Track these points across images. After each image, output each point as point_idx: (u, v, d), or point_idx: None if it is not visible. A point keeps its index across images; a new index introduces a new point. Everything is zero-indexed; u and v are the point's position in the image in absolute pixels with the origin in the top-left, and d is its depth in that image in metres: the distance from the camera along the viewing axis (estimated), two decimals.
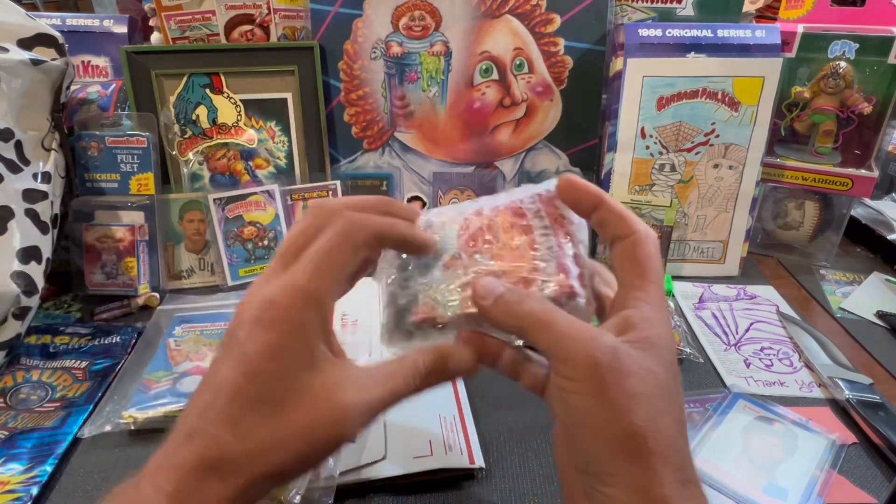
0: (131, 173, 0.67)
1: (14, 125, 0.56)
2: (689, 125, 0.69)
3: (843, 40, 0.69)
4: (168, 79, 0.71)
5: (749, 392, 0.53)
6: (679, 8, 0.73)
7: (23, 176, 0.56)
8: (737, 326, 0.63)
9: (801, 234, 0.77)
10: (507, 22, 0.72)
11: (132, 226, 0.66)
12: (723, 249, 0.73)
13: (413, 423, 0.47)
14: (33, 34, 0.57)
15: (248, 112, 0.73)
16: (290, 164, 0.75)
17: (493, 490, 0.43)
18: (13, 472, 0.43)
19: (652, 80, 0.68)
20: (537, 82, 0.74)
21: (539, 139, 0.76)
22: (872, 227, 0.80)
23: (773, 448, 0.46)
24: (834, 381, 0.53)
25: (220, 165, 0.74)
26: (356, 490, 0.42)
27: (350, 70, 0.74)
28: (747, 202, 0.71)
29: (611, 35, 0.73)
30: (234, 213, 0.69)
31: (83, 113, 0.70)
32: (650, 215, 0.70)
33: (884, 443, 0.46)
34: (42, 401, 0.51)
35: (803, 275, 0.74)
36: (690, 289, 0.71)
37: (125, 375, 0.53)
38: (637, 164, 0.71)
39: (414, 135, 0.77)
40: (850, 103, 0.70)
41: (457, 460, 0.43)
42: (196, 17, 0.73)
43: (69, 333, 0.59)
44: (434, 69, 0.74)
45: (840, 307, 0.67)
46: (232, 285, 0.69)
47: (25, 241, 0.53)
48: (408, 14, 0.72)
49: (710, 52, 0.67)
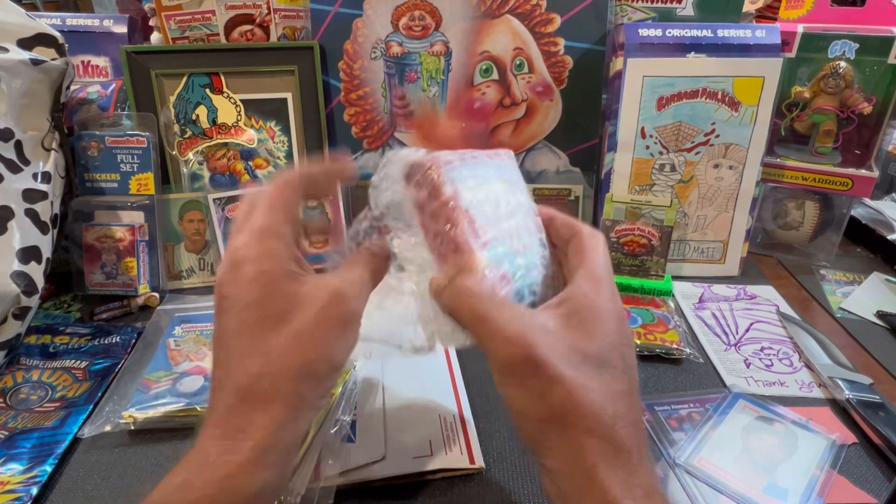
0: (131, 173, 0.67)
1: (14, 125, 0.56)
2: (689, 125, 0.69)
3: (843, 40, 0.69)
4: (168, 79, 0.71)
5: (749, 392, 0.53)
6: (679, 8, 0.73)
7: (23, 176, 0.56)
8: (737, 326, 0.63)
9: (801, 234, 0.77)
10: (507, 22, 0.72)
11: (132, 226, 0.66)
12: (723, 249, 0.73)
13: (413, 423, 0.47)
14: (33, 34, 0.57)
15: (248, 112, 0.73)
16: (290, 164, 0.75)
17: (493, 490, 0.43)
18: (13, 472, 0.43)
19: (652, 80, 0.68)
20: (537, 82, 0.74)
21: (539, 139, 0.76)
22: (872, 227, 0.80)
23: (773, 448, 0.46)
24: (834, 381, 0.53)
25: (220, 165, 0.74)
26: (356, 490, 0.42)
27: (350, 70, 0.74)
28: (747, 202, 0.71)
29: (611, 35, 0.73)
30: (234, 213, 0.69)
31: (83, 113, 0.70)
32: (650, 215, 0.70)
33: (884, 443, 0.46)
34: (42, 401, 0.51)
35: (803, 275, 0.74)
36: (690, 289, 0.71)
37: (125, 375, 0.53)
38: (637, 164, 0.71)
39: (414, 135, 0.77)
40: (850, 103, 0.70)
41: (457, 460, 0.43)
42: (196, 17, 0.73)
43: (69, 333, 0.59)
44: (434, 69, 0.74)
45: (840, 307, 0.67)
46: None
47: (25, 241, 0.53)
48: (408, 14, 0.72)
49: (710, 52, 0.67)
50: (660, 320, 0.62)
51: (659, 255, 0.68)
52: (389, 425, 0.46)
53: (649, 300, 0.66)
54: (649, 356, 0.57)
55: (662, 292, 0.67)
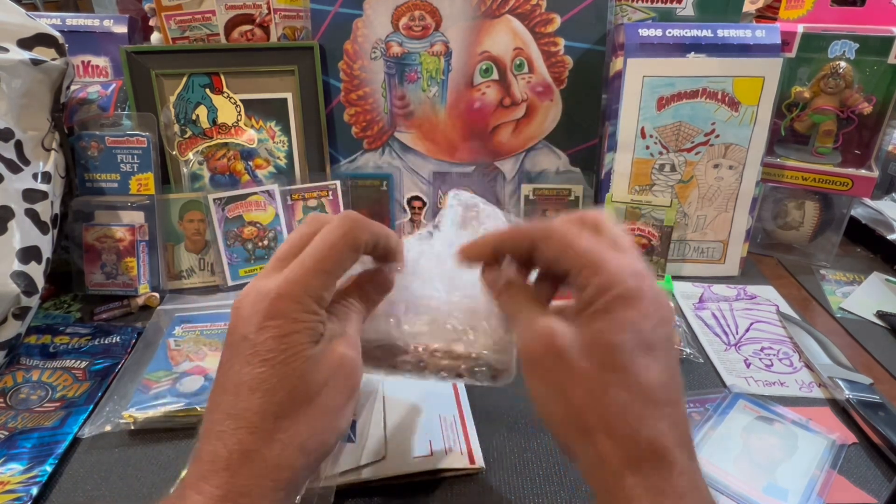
0: (131, 173, 0.67)
1: (14, 125, 0.56)
2: (689, 125, 0.69)
3: (843, 40, 0.69)
4: (168, 79, 0.71)
5: (749, 392, 0.53)
6: (679, 8, 0.73)
7: (23, 176, 0.56)
8: (737, 326, 0.63)
9: (801, 234, 0.77)
10: (507, 22, 0.72)
11: (132, 226, 0.66)
12: (723, 249, 0.73)
13: (413, 424, 0.47)
14: (33, 34, 0.57)
15: (248, 112, 0.73)
16: (290, 164, 0.75)
17: (493, 490, 0.43)
18: (13, 471, 0.43)
19: (652, 80, 0.68)
20: (537, 82, 0.74)
21: (539, 139, 0.76)
22: (872, 227, 0.80)
23: (773, 448, 0.46)
24: (834, 381, 0.53)
25: (220, 165, 0.74)
26: (356, 490, 0.42)
27: (350, 70, 0.74)
28: (747, 202, 0.71)
29: (611, 35, 0.73)
30: (234, 213, 0.69)
31: (83, 113, 0.70)
32: (650, 215, 0.70)
33: (884, 443, 0.46)
34: (42, 401, 0.51)
35: (803, 275, 0.74)
36: (690, 289, 0.71)
37: (125, 375, 0.53)
38: (637, 164, 0.71)
39: (414, 135, 0.77)
40: (850, 103, 0.70)
41: (457, 460, 0.43)
42: (196, 17, 0.73)
43: (69, 333, 0.59)
44: (434, 69, 0.74)
45: (840, 307, 0.67)
46: (232, 285, 0.69)
47: (25, 241, 0.53)
48: (408, 14, 0.72)
49: (710, 52, 0.67)
50: None
51: (659, 255, 0.68)
52: (389, 425, 0.46)
53: None
54: None
55: None
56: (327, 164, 0.76)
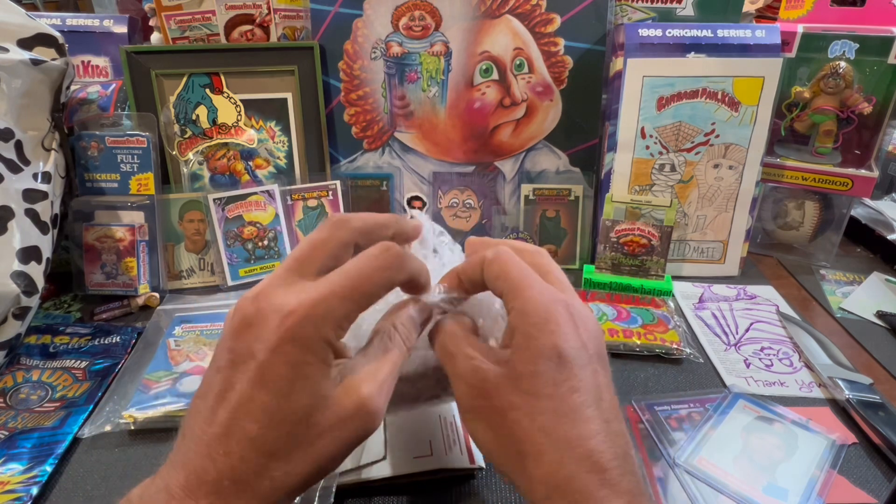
0: (131, 173, 0.67)
1: (14, 125, 0.56)
2: (689, 125, 0.69)
3: (843, 40, 0.69)
4: (168, 79, 0.71)
5: (749, 392, 0.53)
6: (679, 8, 0.73)
7: (23, 176, 0.56)
8: (737, 326, 0.63)
9: (801, 234, 0.77)
10: (507, 22, 0.72)
11: (132, 226, 0.66)
12: (723, 249, 0.73)
13: (413, 423, 0.47)
14: (33, 34, 0.57)
15: (248, 112, 0.73)
16: (290, 164, 0.75)
17: (493, 490, 0.43)
18: (13, 472, 0.43)
19: (652, 80, 0.68)
20: (537, 82, 0.74)
21: (539, 139, 0.76)
22: (872, 227, 0.80)
23: (773, 448, 0.46)
24: (834, 381, 0.53)
25: (220, 165, 0.74)
26: (356, 490, 0.42)
27: (350, 70, 0.74)
28: (747, 202, 0.71)
29: (611, 35, 0.73)
30: (234, 213, 0.69)
31: (83, 113, 0.70)
32: (650, 215, 0.70)
33: (884, 443, 0.46)
34: (42, 401, 0.51)
35: (803, 275, 0.74)
36: (690, 289, 0.71)
37: (125, 375, 0.53)
38: (637, 164, 0.71)
39: (414, 135, 0.77)
40: (850, 103, 0.70)
41: (457, 460, 0.43)
42: (196, 17, 0.73)
43: (69, 333, 0.59)
44: (434, 69, 0.74)
45: (840, 307, 0.67)
46: (232, 285, 0.69)
47: (25, 241, 0.53)
48: (408, 14, 0.72)
49: (710, 52, 0.67)
50: (660, 320, 0.62)
51: (659, 255, 0.68)
52: (389, 425, 0.46)
53: (649, 300, 0.66)
54: (649, 356, 0.57)
55: (662, 292, 0.68)
56: (327, 164, 0.76)
